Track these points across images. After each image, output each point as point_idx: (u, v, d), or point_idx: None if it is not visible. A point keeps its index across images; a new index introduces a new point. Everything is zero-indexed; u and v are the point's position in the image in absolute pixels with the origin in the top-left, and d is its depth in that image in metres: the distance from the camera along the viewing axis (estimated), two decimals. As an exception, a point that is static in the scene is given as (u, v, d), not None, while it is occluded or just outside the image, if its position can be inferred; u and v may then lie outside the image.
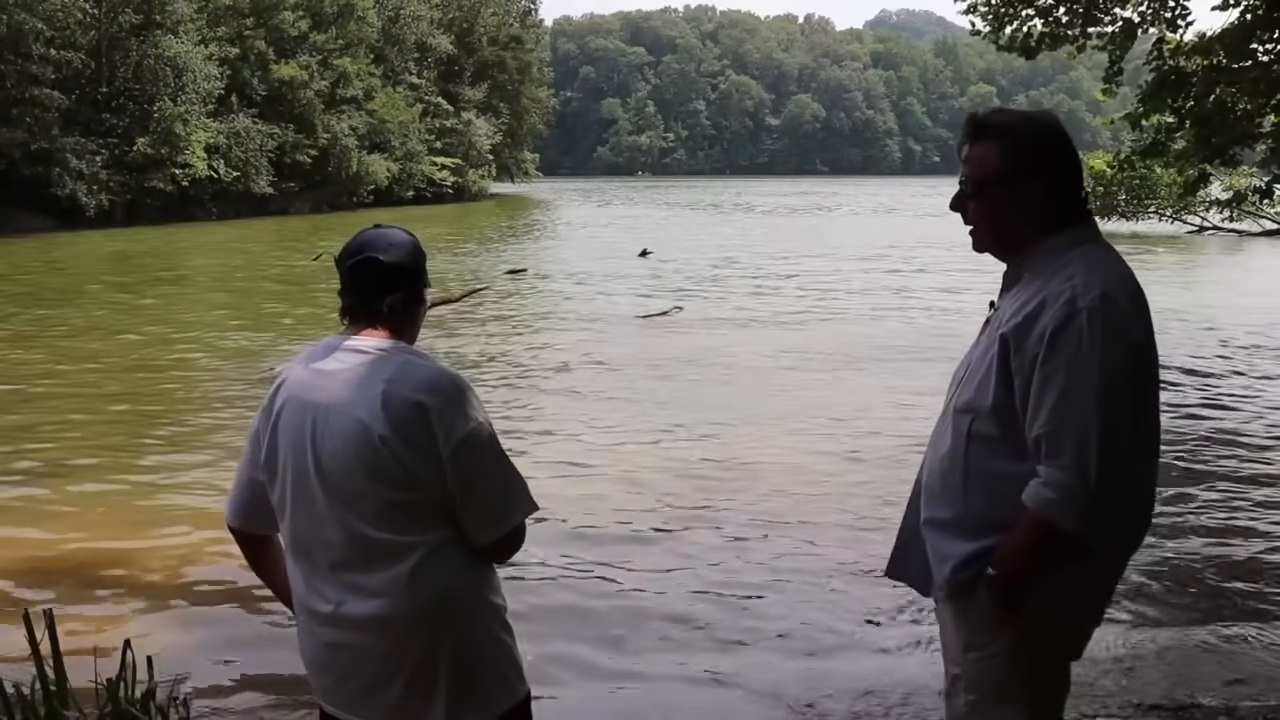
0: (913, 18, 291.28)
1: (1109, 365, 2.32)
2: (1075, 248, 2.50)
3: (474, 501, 2.42)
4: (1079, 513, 2.32)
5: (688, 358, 13.80)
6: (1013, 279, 2.59)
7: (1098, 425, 2.31)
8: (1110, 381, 2.32)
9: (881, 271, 25.52)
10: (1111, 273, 2.45)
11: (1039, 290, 2.44)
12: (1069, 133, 2.61)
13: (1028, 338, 2.40)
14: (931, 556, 2.62)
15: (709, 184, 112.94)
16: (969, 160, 2.59)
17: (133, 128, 45.97)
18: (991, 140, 2.55)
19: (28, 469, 8.74)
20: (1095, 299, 2.35)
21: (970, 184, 2.59)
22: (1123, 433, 2.34)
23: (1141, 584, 6.16)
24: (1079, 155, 2.61)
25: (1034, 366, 2.38)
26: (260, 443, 2.52)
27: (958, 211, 2.66)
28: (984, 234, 2.63)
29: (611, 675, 5.12)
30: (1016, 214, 2.54)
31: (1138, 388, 2.39)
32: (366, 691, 2.47)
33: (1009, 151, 2.52)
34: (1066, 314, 2.35)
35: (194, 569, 6.50)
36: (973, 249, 2.69)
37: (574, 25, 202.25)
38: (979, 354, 2.57)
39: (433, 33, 72.90)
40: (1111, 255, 2.53)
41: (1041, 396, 2.36)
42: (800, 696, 4.82)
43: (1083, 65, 34.43)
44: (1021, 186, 2.52)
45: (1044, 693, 2.62)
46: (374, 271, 2.49)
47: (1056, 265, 2.47)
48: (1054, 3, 10.66)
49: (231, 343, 15.16)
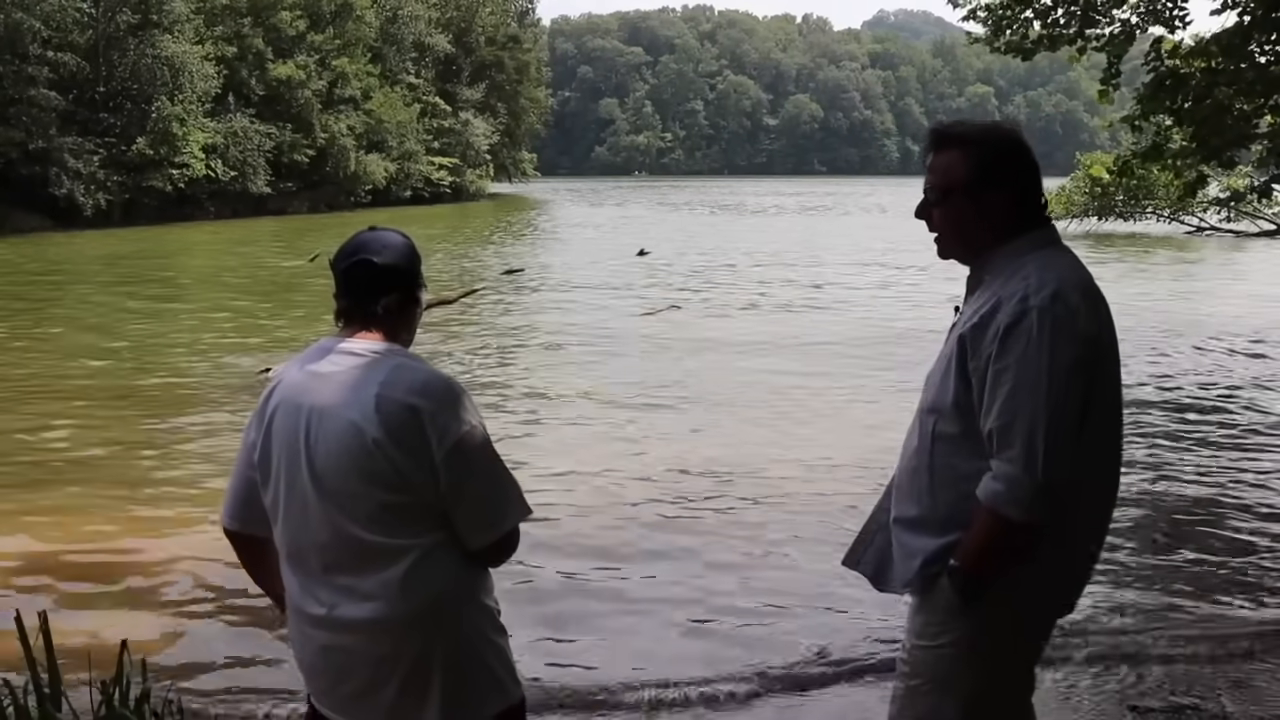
0: (910, 18, 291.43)
1: (1056, 360, 2.41)
2: (1033, 251, 2.59)
3: (467, 505, 2.42)
4: (1026, 503, 2.40)
5: (684, 356, 13.82)
6: (975, 283, 2.68)
7: (1045, 418, 2.39)
8: (1057, 376, 2.41)
9: (879, 269, 25.50)
10: (1066, 273, 2.54)
11: (995, 292, 2.54)
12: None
13: (983, 337, 2.49)
14: (900, 554, 2.69)
15: (707, 184, 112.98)
16: (933, 169, 2.67)
17: (130, 127, 45.97)
18: (955, 150, 2.64)
19: (20, 470, 8.72)
20: (1046, 298, 2.45)
21: (935, 192, 2.67)
22: (1069, 424, 2.42)
23: (1131, 583, 6.17)
24: (1038, 163, 2.70)
25: (988, 363, 2.47)
26: (254, 445, 2.52)
27: (922, 219, 2.74)
28: (948, 240, 2.72)
29: (602, 675, 5.11)
30: (980, 220, 2.63)
31: (1087, 380, 2.46)
32: (361, 695, 2.46)
33: (973, 160, 2.61)
34: (1018, 312, 2.44)
35: (188, 571, 6.48)
36: (937, 255, 2.78)
37: (572, 25, 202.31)
38: (942, 356, 2.66)
39: (431, 32, 72.87)
40: (1067, 257, 2.63)
41: (994, 391, 2.45)
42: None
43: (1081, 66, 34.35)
44: (985, 194, 2.61)
45: (995, 691, 2.67)
46: (368, 274, 2.48)
47: (1014, 268, 2.56)
48: (1052, 4, 10.66)
49: (227, 343, 15.13)
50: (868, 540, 2.85)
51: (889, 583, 2.77)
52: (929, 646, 2.66)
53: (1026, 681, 2.77)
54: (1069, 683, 4.87)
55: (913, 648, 2.70)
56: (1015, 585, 2.53)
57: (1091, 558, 2.71)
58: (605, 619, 5.84)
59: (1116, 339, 2.62)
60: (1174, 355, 14.11)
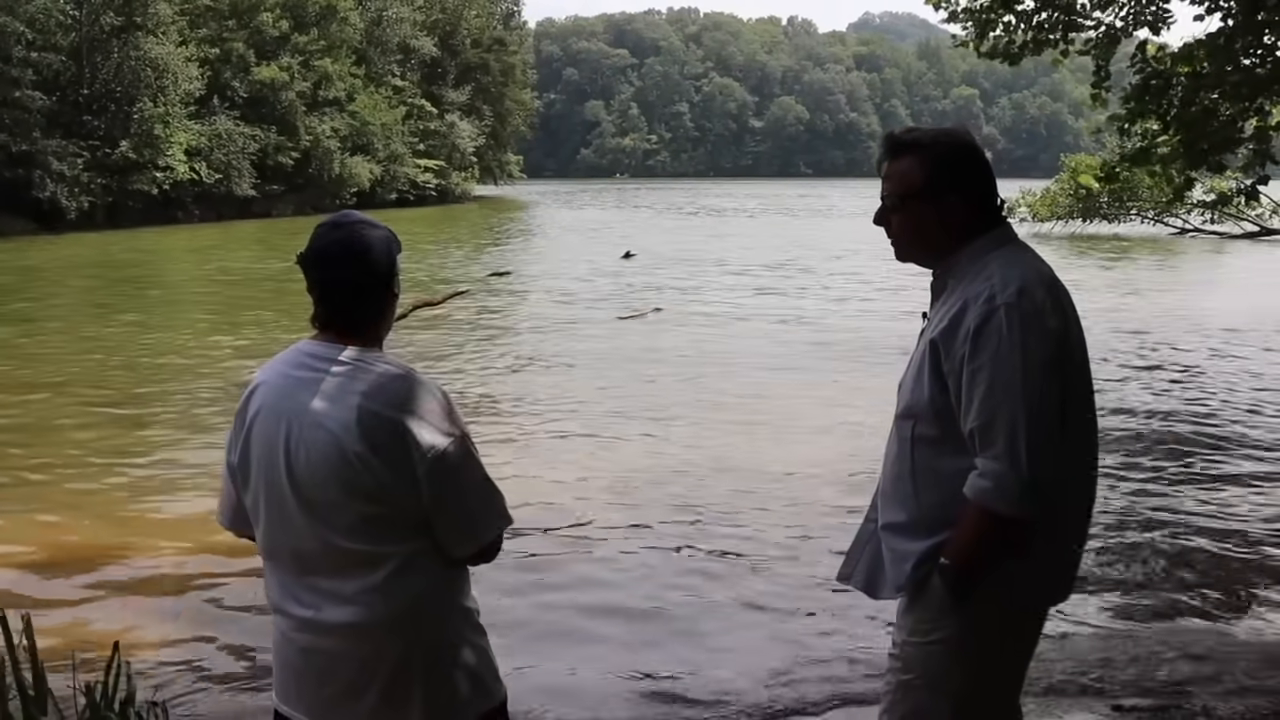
0: (896, 20, 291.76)
1: (1030, 356, 2.47)
2: (993, 251, 2.65)
3: (449, 517, 2.41)
4: (1013, 498, 2.45)
5: (668, 358, 13.85)
6: (940, 287, 2.73)
7: (1024, 413, 2.44)
8: (1032, 371, 2.46)
9: (860, 271, 25.55)
10: (1028, 270, 2.60)
11: (961, 294, 2.59)
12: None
13: (954, 339, 2.54)
14: (891, 558, 2.73)
15: (693, 186, 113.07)
16: (889, 176, 2.73)
17: (114, 130, 45.79)
18: (910, 156, 2.70)
19: (10, 473, 8.69)
20: (1012, 294, 2.50)
21: (893, 198, 2.72)
22: (1049, 418, 2.47)
23: (1123, 581, 6.20)
24: (990, 165, 2.76)
25: (962, 364, 2.52)
26: (234, 448, 2.50)
27: (880, 226, 2.80)
28: (907, 245, 2.78)
29: (587, 675, 5.11)
30: (939, 223, 2.68)
31: (1061, 374, 2.52)
32: (342, 698, 2.46)
33: (928, 166, 2.67)
34: (987, 311, 2.50)
35: (175, 574, 6.50)
36: (896, 258, 2.84)
37: (557, 27, 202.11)
38: (914, 362, 2.71)
39: (416, 35, 72.72)
40: (1027, 254, 2.68)
41: (971, 392, 2.50)
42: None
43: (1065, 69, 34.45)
44: (942, 197, 2.66)
45: (985, 688, 2.70)
46: (346, 289, 2.42)
47: (977, 268, 2.62)
48: (1035, 7, 10.67)
49: (212, 343, 15.12)
50: (857, 554, 2.88)
51: (881, 589, 2.79)
52: (920, 643, 2.69)
53: (1017, 679, 2.80)
54: (1051, 680, 4.89)
55: (903, 644, 2.73)
56: (1004, 583, 2.56)
57: (1076, 554, 2.74)
58: (574, 636, 5.69)
59: (1082, 329, 2.67)
60: (1161, 352, 14.21)
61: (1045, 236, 36.08)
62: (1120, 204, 37.55)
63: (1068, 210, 38.74)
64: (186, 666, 5.17)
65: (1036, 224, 38.47)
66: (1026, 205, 39.29)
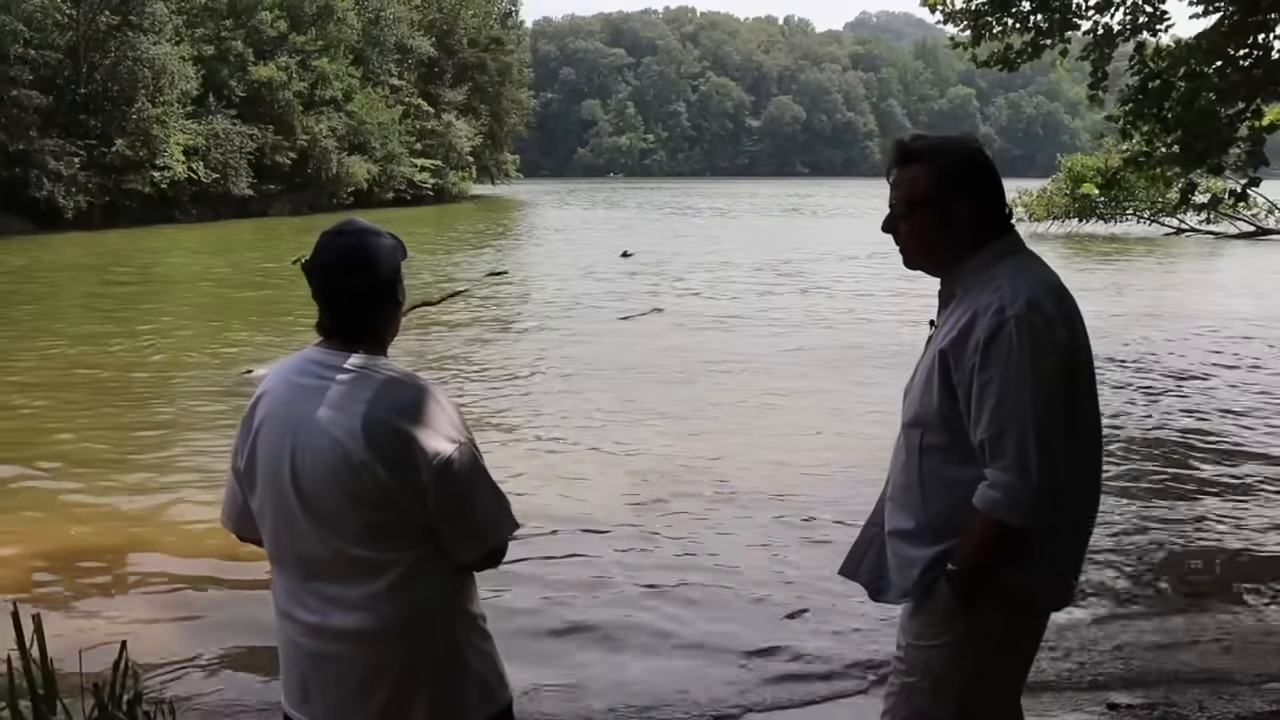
0: (892, 19, 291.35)
1: (1039, 368, 2.48)
2: (1001, 260, 2.66)
3: (456, 523, 2.42)
4: (1024, 508, 2.48)
5: (668, 359, 13.85)
6: (948, 296, 2.74)
7: (1034, 425, 2.46)
8: (1041, 383, 2.48)
9: (864, 273, 25.56)
10: (1036, 280, 2.61)
11: (970, 304, 2.60)
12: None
13: (964, 350, 2.55)
14: (897, 564, 2.75)
15: (689, 186, 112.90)
16: (898, 183, 2.73)
17: (111, 129, 45.76)
18: (919, 163, 2.70)
19: (11, 473, 8.71)
20: (1022, 306, 2.51)
21: (901, 205, 2.73)
22: (1059, 430, 2.50)
23: (1116, 580, 6.23)
24: (999, 173, 2.75)
25: (972, 376, 2.53)
26: (240, 454, 2.52)
27: (889, 233, 2.79)
28: (916, 252, 2.78)
29: (592, 678, 5.14)
30: (946, 231, 2.69)
31: (1070, 385, 2.55)
32: (349, 703, 2.47)
33: (936, 173, 2.67)
34: (996, 323, 2.51)
35: (181, 574, 6.50)
36: (904, 266, 2.84)
37: (554, 27, 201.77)
38: (922, 371, 2.72)
39: (413, 34, 72.63)
40: (1035, 263, 2.69)
41: (981, 403, 2.52)
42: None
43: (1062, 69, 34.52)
44: (950, 205, 2.67)
45: (985, 692, 2.73)
46: (351, 297, 2.43)
47: (985, 279, 2.63)
48: (1030, 9, 10.66)
49: (210, 344, 15.10)
50: (861, 553, 2.90)
51: (886, 594, 2.82)
52: (924, 647, 2.72)
53: (1019, 681, 2.82)
54: (1047, 679, 4.92)
55: (909, 647, 2.76)
56: (1009, 588, 2.60)
57: (1078, 558, 2.77)
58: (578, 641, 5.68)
59: (1089, 339, 2.68)
60: (1157, 352, 14.24)
61: (1042, 236, 36.06)
62: (1116, 204, 37.53)
63: (1064, 210, 38.74)
64: (194, 666, 5.19)
65: (1033, 224, 38.45)
66: (1023, 205, 39.22)
